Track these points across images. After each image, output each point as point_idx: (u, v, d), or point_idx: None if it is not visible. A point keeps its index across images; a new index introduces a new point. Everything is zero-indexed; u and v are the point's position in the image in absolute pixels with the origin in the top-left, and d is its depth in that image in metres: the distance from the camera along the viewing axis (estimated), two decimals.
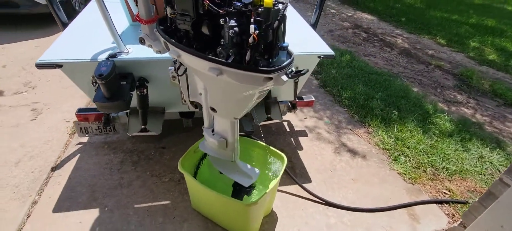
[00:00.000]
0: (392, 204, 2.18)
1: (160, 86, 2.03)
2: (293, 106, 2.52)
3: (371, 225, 2.01)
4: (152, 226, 1.88)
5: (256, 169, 1.80)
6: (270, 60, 1.22)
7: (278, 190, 2.20)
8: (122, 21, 2.20)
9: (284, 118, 3.12)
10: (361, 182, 2.38)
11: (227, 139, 1.65)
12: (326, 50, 2.08)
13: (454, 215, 2.14)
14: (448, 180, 2.47)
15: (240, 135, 2.08)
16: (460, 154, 2.78)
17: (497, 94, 4.24)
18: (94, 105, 1.78)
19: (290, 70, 1.23)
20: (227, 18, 1.10)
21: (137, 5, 1.45)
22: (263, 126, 2.87)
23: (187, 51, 1.21)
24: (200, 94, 1.62)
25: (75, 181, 2.15)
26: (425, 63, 5.15)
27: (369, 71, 4.34)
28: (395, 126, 3.06)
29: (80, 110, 2.17)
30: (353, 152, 2.72)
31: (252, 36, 1.06)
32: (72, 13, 2.53)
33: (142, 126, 2.02)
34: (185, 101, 1.81)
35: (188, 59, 1.25)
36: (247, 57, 1.12)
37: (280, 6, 1.17)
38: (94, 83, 1.85)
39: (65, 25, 2.16)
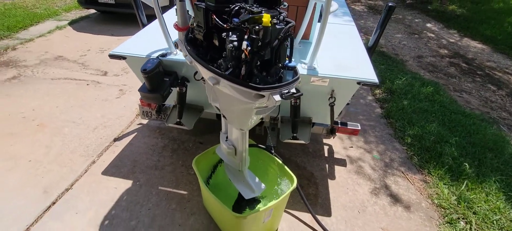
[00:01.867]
0: None
1: (199, 87, 2.23)
2: (331, 131, 2.34)
3: None
4: (164, 209, 2.08)
5: (263, 184, 1.77)
6: (268, 77, 1.20)
7: (290, 214, 2.09)
8: None
9: (325, 141, 2.92)
10: None
11: (236, 148, 1.69)
12: (369, 76, 1.86)
13: None
14: None
15: (260, 147, 2.09)
16: None
17: None
18: None
19: (286, 91, 1.18)
20: (230, 32, 1.15)
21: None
22: (299, 144, 2.76)
23: (194, 58, 1.31)
24: None
25: (125, 154, 2.58)
26: None
27: (453, 109, 3.60)
28: (465, 181, 2.44)
29: None
30: (395, 198, 2.31)
31: (243, 52, 1.07)
32: (171, 6, 3.02)
33: (178, 119, 2.26)
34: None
35: (196, 65, 1.35)
36: (242, 71, 1.14)
37: (284, 25, 1.14)
38: None
39: (144, 25, 2.62)
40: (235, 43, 1.12)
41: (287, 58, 1.25)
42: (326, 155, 2.76)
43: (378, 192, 2.36)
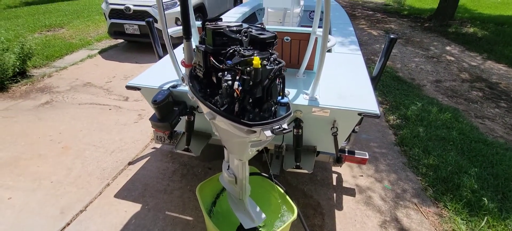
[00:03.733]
0: None
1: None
2: (338, 160, 2.33)
3: None
4: None
5: (263, 214, 1.78)
6: (261, 113, 1.27)
7: None
8: None
9: (334, 169, 2.88)
10: None
11: (236, 176, 1.74)
12: (370, 107, 1.87)
13: None
14: None
15: (262, 175, 2.12)
16: None
17: None
18: None
19: (277, 126, 1.23)
20: (225, 72, 1.25)
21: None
22: (303, 174, 2.74)
23: (194, 94, 1.41)
24: None
25: (137, 177, 2.71)
26: None
27: (473, 137, 3.42)
28: (486, 217, 2.28)
29: None
30: None
31: (235, 91, 1.16)
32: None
33: (186, 146, 2.36)
34: None
35: (195, 100, 1.45)
36: (236, 108, 1.22)
37: (275, 66, 1.23)
38: None
39: (160, 57, 2.83)
40: (229, 82, 1.22)
41: (280, 95, 1.32)
42: (334, 183, 2.71)
43: (388, 226, 2.27)
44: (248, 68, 1.14)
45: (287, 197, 1.89)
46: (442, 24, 9.25)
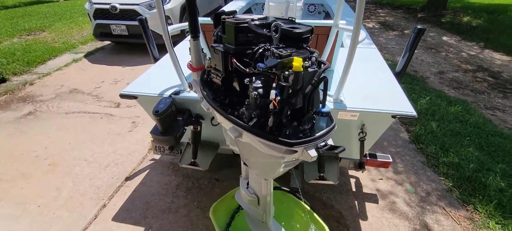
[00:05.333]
0: None
1: (215, 124, 2.08)
2: (360, 166, 2.12)
3: None
4: None
5: None
6: (300, 127, 1.02)
7: None
8: None
9: (351, 173, 2.67)
10: None
11: (258, 197, 1.49)
12: (406, 109, 1.66)
13: None
14: None
15: (284, 190, 1.88)
16: None
17: None
18: None
19: (322, 144, 0.99)
20: (253, 78, 0.99)
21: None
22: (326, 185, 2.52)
23: (212, 106, 1.15)
24: None
25: (136, 195, 2.42)
26: None
27: (489, 131, 3.29)
28: None
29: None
30: None
31: (272, 102, 0.91)
32: (182, 38, 2.97)
33: (192, 159, 2.09)
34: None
35: (214, 112, 1.19)
36: (270, 123, 0.97)
37: (318, 67, 0.98)
38: None
39: (156, 59, 2.54)
40: (260, 90, 0.96)
41: (320, 103, 1.08)
42: (353, 189, 2.50)
43: None
44: (287, 72, 0.89)
45: (315, 215, 1.65)
46: (435, 15, 9.21)
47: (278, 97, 0.89)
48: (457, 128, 3.32)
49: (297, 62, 0.87)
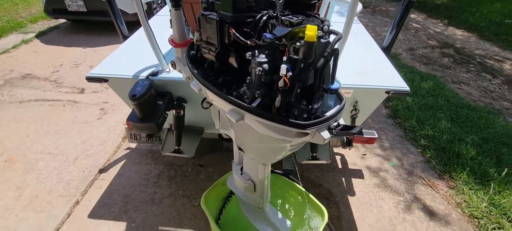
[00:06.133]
0: None
1: (199, 107, 1.91)
2: (348, 143, 2.11)
3: None
4: None
5: (288, 221, 1.50)
6: (309, 106, 0.92)
7: None
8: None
9: (336, 150, 2.69)
10: None
11: (255, 183, 1.40)
12: (399, 84, 1.63)
13: None
14: None
15: (276, 173, 1.81)
16: None
17: None
18: None
19: (335, 124, 0.91)
20: (255, 51, 0.85)
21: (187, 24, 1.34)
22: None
23: (206, 85, 1.00)
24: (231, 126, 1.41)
25: (114, 188, 2.21)
26: None
27: (458, 103, 3.49)
28: (492, 184, 2.29)
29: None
30: (423, 211, 2.12)
31: (282, 79, 0.79)
32: (150, 16, 2.66)
33: (176, 147, 1.93)
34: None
35: (209, 93, 1.04)
36: (277, 103, 0.85)
37: (330, 38, 0.87)
38: None
39: (125, 37, 2.26)
40: (266, 66, 0.84)
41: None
42: (340, 166, 2.53)
43: (404, 206, 2.16)
44: (298, 43, 0.77)
45: (311, 196, 1.62)
46: None
47: (290, 73, 0.77)
48: (430, 102, 3.48)
49: (311, 31, 0.75)
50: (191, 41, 1.26)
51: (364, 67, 1.82)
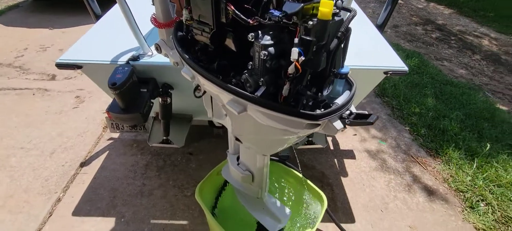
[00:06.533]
0: None
1: (187, 93, 1.78)
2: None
3: None
4: None
5: (287, 209, 1.46)
6: (319, 94, 0.85)
7: None
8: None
9: None
10: None
11: (253, 173, 1.33)
12: (397, 64, 1.59)
13: None
14: None
15: (272, 160, 1.76)
16: None
17: None
18: None
19: (347, 113, 0.84)
20: (259, 32, 0.75)
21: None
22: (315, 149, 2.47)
23: (202, 74, 0.89)
24: (226, 115, 1.31)
25: (99, 182, 2.08)
26: None
27: (441, 80, 3.57)
28: (475, 159, 2.38)
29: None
30: (412, 188, 2.18)
31: (294, 65, 0.69)
32: None
33: (164, 137, 1.81)
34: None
35: (204, 82, 0.93)
36: (284, 91, 0.76)
37: (344, 15, 0.78)
38: None
39: (98, 17, 2.04)
40: (272, 49, 0.74)
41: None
42: (331, 147, 2.52)
43: (395, 184, 2.20)
44: (311, 22, 0.67)
45: (309, 182, 1.58)
46: None
47: (302, 58, 0.68)
48: (416, 80, 3.52)
49: (327, 7, 0.64)
50: (178, 21, 1.12)
51: (359, 47, 1.75)
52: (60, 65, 1.55)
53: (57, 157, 2.28)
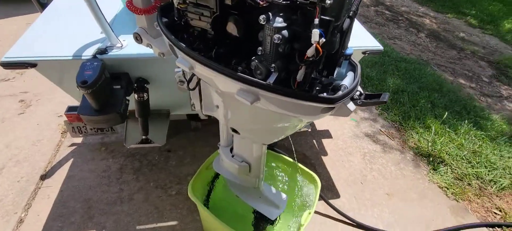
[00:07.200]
0: (434, 228, 1.87)
1: (164, 87, 1.66)
2: None
3: None
4: None
5: (283, 195, 1.48)
6: (330, 78, 0.85)
7: None
8: (115, 1, 1.79)
9: None
10: (397, 198, 2.06)
11: (250, 164, 1.31)
12: (373, 44, 1.67)
13: None
14: (497, 196, 2.14)
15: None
16: (506, 162, 2.42)
17: None
18: None
19: (358, 93, 0.85)
20: (269, 14, 0.70)
21: None
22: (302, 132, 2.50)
23: (207, 64, 0.82)
24: (217, 107, 1.24)
25: (67, 194, 1.86)
26: (457, 49, 4.64)
27: (396, 57, 3.88)
28: (432, 126, 2.68)
29: (70, 108, 1.82)
30: (385, 159, 2.37)
31: (314, 47, 0.66)
32: None
33: (143, 137, 1.67)
34: (193, 108, 1.45)
35: (205, 73, 0.86)
36: (299, 77, 0.74)
37: None
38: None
39: (43, 5, 1.76)
40: (285, 32, 0.70)
41: None
42: (309, 130, 2.60)
43: (369, 157, 2.37)
44: (328, 1, 0.64)
45: (301, 165, 1.61)
46: None
47: (323, 39, 0.66)
48: (375, 59, 3.77)
49: None
50: (160, 5, 1.01)
51: None
52: (7, 65, 1.31)
53: (9, 172, 1.97)
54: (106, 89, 1.33)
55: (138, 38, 1.11)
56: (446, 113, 2.84)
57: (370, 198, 2.04)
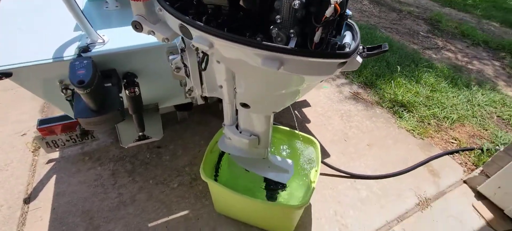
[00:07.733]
0: (410, 164, 2.19)
1: (151, 80, 1.62)
2: None
3: (401, 189, 2.00)
4: None
5: (289, 160, 1.60)
6: (336, 36, 0.96)
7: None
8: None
9: None
10: (377, 147, 2.34)
11: (259, 136, 1.39)
12: None
13: (466, 163, 2.24)
14: (451, 129, 2.56)
15: None
16: (452, 100, 2.88)
17: (465, 35, 4.46)
18: (54, 109, 1.31)
19: (361, 46, 0.99)
20: None
21: None
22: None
23: (232, 39, 0.86)
24: (221, 87, 1.29)
25: (62, 210, 1.73)
26: (396, 11, 5.17)
27: (371, 35, 4.20)
28: (392, 81, 3.03)
29: (42, 122, 1.68)
30: (359, 116, 2.64)
31: (333, 6, 0.75)
32: None
33: (140, 133, 1.63)
34: (189, 94, 1.47)
35: (226, 49, 0.91)
36: (316, 38, 0.83)
37: None
38: (64, 90, 1.39)
39: None
40: None
41: None
42: None
43: (346, 116, 2.62)
44: None
45: (297, 131, 1.74)
46: None
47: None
48: None
49: None
50: None
51: None
52: None
53: None
54: (101, 88, 1.27)
55: (138, 27, 1.08)
56: (399, 68, 3.23)
57: (355, 151, 2.28)
